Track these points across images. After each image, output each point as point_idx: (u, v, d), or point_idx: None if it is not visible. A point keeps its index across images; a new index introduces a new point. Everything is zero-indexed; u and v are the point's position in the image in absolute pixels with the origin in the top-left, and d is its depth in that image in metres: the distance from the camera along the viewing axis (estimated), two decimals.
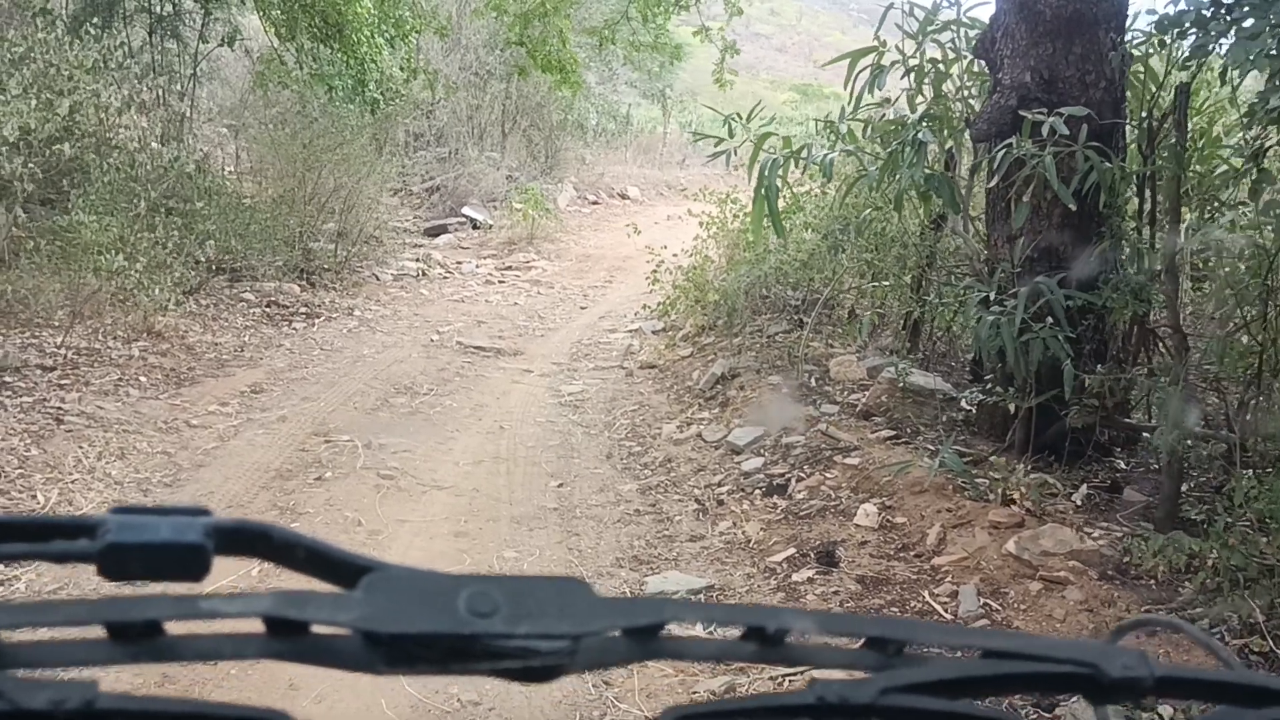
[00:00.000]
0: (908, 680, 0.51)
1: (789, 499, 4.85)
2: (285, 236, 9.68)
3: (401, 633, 0.47)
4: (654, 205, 17.28)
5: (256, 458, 5.41)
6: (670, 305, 8.67)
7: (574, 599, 0.50)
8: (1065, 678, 0.54)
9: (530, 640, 0.47)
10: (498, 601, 0.48)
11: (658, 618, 0.51)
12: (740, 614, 0.54)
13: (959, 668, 0.54)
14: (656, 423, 6.39)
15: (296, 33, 10.44)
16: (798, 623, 0.52)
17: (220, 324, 8.14)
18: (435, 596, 0.48)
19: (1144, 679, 0.52)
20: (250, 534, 0.53)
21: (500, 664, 0.48)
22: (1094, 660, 0.52)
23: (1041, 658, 0.54)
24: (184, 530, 0.51)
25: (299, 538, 0.53)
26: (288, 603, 0.47)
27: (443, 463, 5.55)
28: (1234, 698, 0.56)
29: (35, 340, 6.91)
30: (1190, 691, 0.58)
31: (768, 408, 6.09)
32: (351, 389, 6.90)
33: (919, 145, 4.20)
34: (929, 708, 0.50)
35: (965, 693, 0.53)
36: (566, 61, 9.37)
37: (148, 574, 0.51)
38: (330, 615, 0.47)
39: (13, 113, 5.20)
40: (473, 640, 0.47)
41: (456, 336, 8.72)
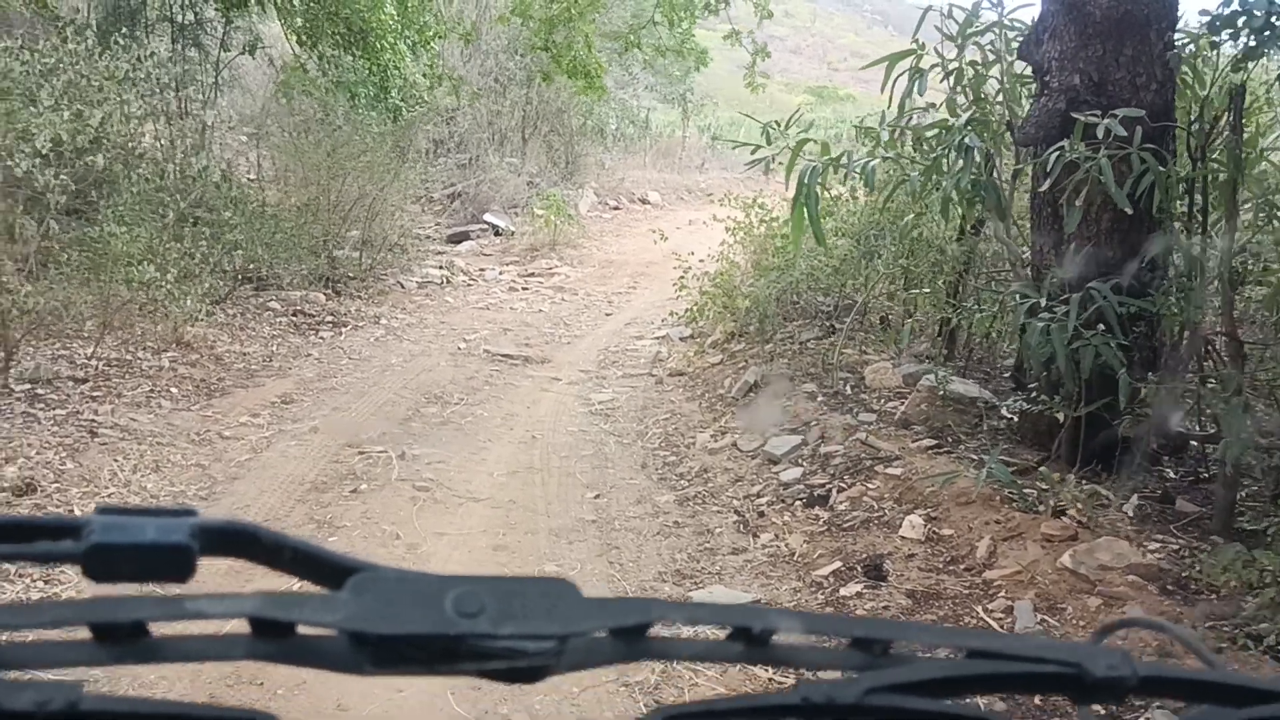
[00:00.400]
0: (893, 680, 0.51)
1: (831, 510, 4.77)
2: (310, 245, 9.67)
3: (388, 633, 0.47)
4: (675, 210, 17.21)
5: (290, 470, 5.37)
6: (698, 312, 8.60)
7: (560, 599, 0.50)
8: (1050, 678, 0.54)
9: (517, 641, 0.47)
10: (484, 602, 0.48)
11: (644, 618, 0.51)
12: (727, 614, 0.54)
13: (944, 668, 0.54)
14: (690, 432, 6.32)
15: (319, 40, 10.42)
16: (784, 623, 0.52)
17: (247, 334, 8.12)
18: (422, 597, 0.48)
19: (1127, 679, 0.52)
20: (236, 534, 0.53)
21: (487, 664, 0.48)
22: (1078, 660, 0.53)
23: (1026, 658, 0.54)
24: (169, 531, 0.50)
25: (284, 538, 0.53)
26: (274, 604, 0.47)
27: (477, 474, 5.49)
28: (1217, 697, 0.56)
29: (65, 351, 6.90)
30: (1173, 691, 0.58)
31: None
32: (382, 399, 6.86)
33: (965, 150, 4.12)
34: (914, 708, 0.51)
35: (950, 693, 0.53)
36: (591, 67, 9.33)
37: (133, 575, 0.51)
38: (316, 616, 0.47)
39: (45, 124, 5.17)
40: (459, 641, 0.47)
41: (483, 344, 8.68)
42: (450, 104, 13.76)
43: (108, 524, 0.50)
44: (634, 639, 0.51)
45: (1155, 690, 0.56)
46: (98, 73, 5.99)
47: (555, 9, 8.68)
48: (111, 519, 0.51)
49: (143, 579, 0.52)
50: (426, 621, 0.47)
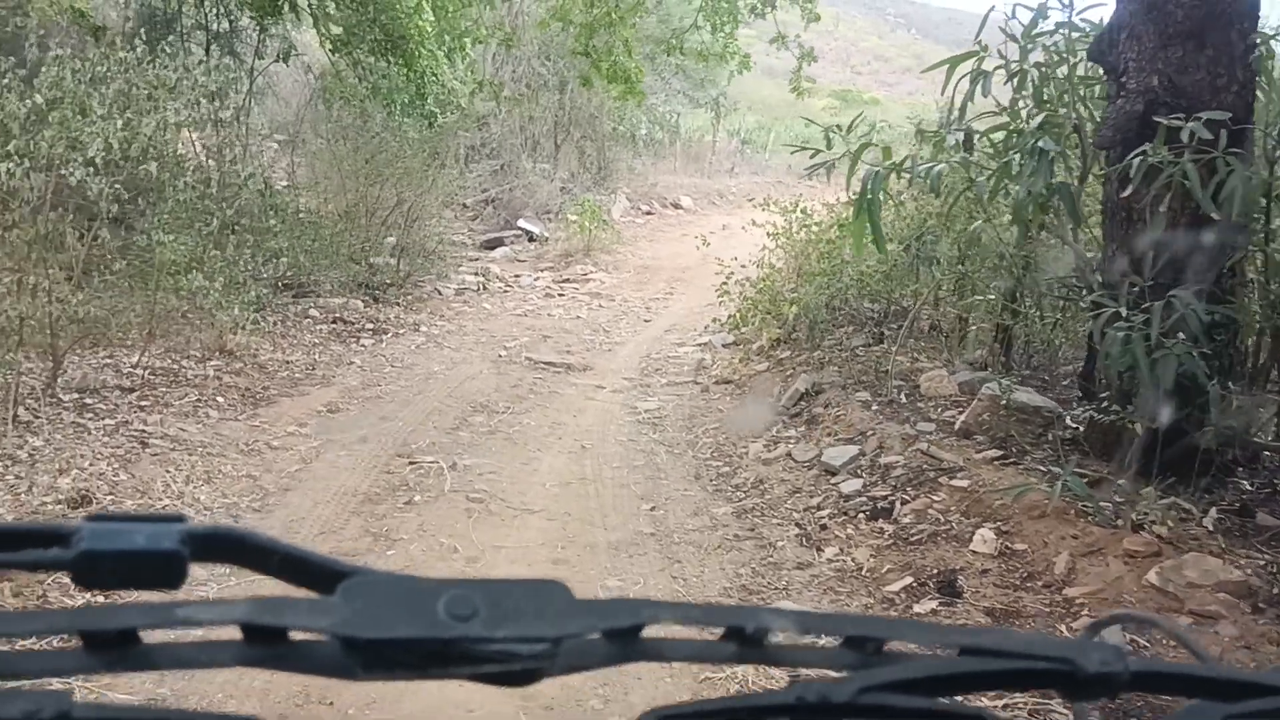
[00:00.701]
0: (887, 679, 0.51)
1: (895, 523, 4.66)
2: (349, 252, 9.65)
3: (380, 638, 0.46)
4: (708, 215, 17.11)
5: (342, 481, 5.31)
6: (742, 318, 8.51)
7: (553, 601, 0.50)
8: (1042, 674, 0.54)
9: (509, 644, 0.47)
10: (477, 605, 0.48)
11: (637, 619, 0.50)
12: (720, 614, 0.54)
13: (937, 666, 0.54)
14: (741, 441, 6.22)
15: (355, 47, 10.41)
16: (777, 622, 0.52)
17: (289, 341, 8.09)
18: (414, 601, 0.48)
19: (1120, 674, 0.52)
20: (226, 540, 0.53)
21: (480, 668, 0.48)
22: (1070, 656, 0.53)
23: (1019, 654, 0.54)
24: (159, 538, 0.50)
25: (275, 543, 0.53)
26: (265, 609, 0.47)
27: (530, 485, 5.42)
28: (1208, 692, 0.57)
29: (111, 360, 6.89)
30: (1165, 686, 0.58)
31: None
32: (428, 407, 6.80)
33: (1039, 154, 4.01)
34: (908, 706, 0.51)
35: (944, 690, 0.53)
36: (631, 71, 9.26)
37: (123, 582, 0.51)
38: (308, 621, 0.47)
39: (98, 133, 5.14)
40: (452, 644, 0.47)
41: (524, 352, 8.62)
42: (484, 110, 13.73)
43: (97, 531, 0.50)
44: (628, 640, 0.51)
45: (1147, 685, 0.56)
46: (146, 81, 5.96)
47: (596, 13, 8.61)
48: (101, 526, 0.50)
49: (133, 586, 0.51)
50: (419, 625, 0.47)
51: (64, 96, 5.33)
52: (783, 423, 6.40)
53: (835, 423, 5.96)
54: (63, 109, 5.28)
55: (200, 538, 0.52)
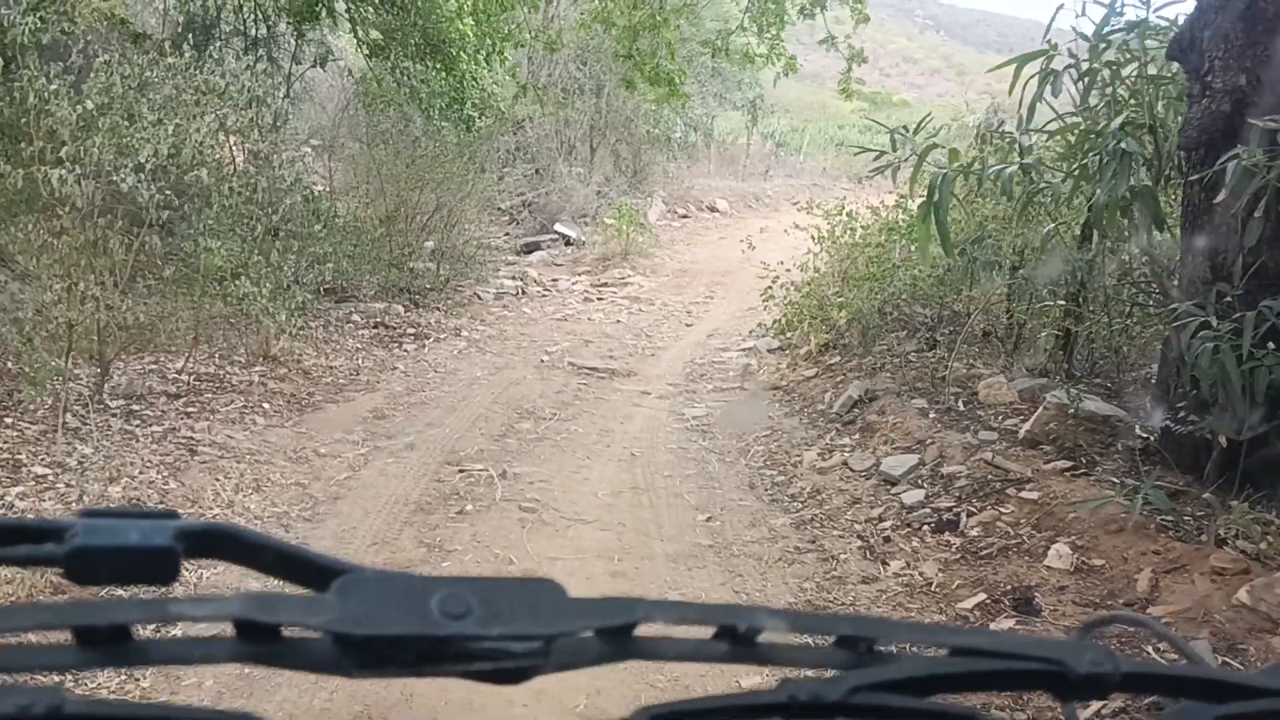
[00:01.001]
0: (878, 678, 0.51)
1: (963, 536, 4.52)
2: (389, 257, 9.61)
3: (374, 635, 0.46)
4: (744, 218, 16.98)
5: (392, 489, 5.23)
6: (788, 323, 8.37)
7: (546, 600, 0.50)
8: (1033, 674, 0.54)
9: (503, 642, 0.47)
10: (470, 603, 0.48)
11: (630, 618, 0.50)
12: (712, 613, 0.53)
13: (928, 665, 0.54)
14: (794, 449, 6.09)
15: (393, 52, 10.36)
16: (769, 621, 0.52)
17: (332, 347, 8.05)
18: (408, 599, 0.48)
19: (1110, 675, 0.52)
20: (219, 536, 0.52)
21: (473, 665, 0.47)
22: (1061, 657, 0.53)
23: (1010, 655, 0.54)
24: (153, 534, 0.50)
25: (268, 540, 0.53)
26: (258, 606, 0.47)
27: (582, 494, 5.32)
28: (1198, 693, 0.57)
29: (156, 366, 6.87)
30: (1156, 687, 0.58)
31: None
32: (473, 414, 6.72)
33: (1121, 156, 3.86)
34: (899, 705, 0.51)
35: (935, 690, 0.53)
36: (674, 74, 9.15)
37: (116, 578, 0.51)
38: (302, 618, 0.47)
39: (148, 139, 5.10)
40: (446, 642, 0.47)
41: (567, 357, 8.53)
42: (520, 114, 13.67)
43: (90, 526, 0.50)
44: (620, 639, 0.51)
45: (1137, 687, 0.56)
46: (194, 87, 5.92)
47: (639, 15, 8.51)
48: (95, 522, 0.50)
49: (126, 582, 0.51)
50: (413, 623, 0.47)
51: (112, 102, 5.28)
52: (836, 430, 6.26)
53: (892, 431, 5.82)
54: (112, 115, 5.23)
55: (194, 534, 0.51)
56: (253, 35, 11.97)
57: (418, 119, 10.30)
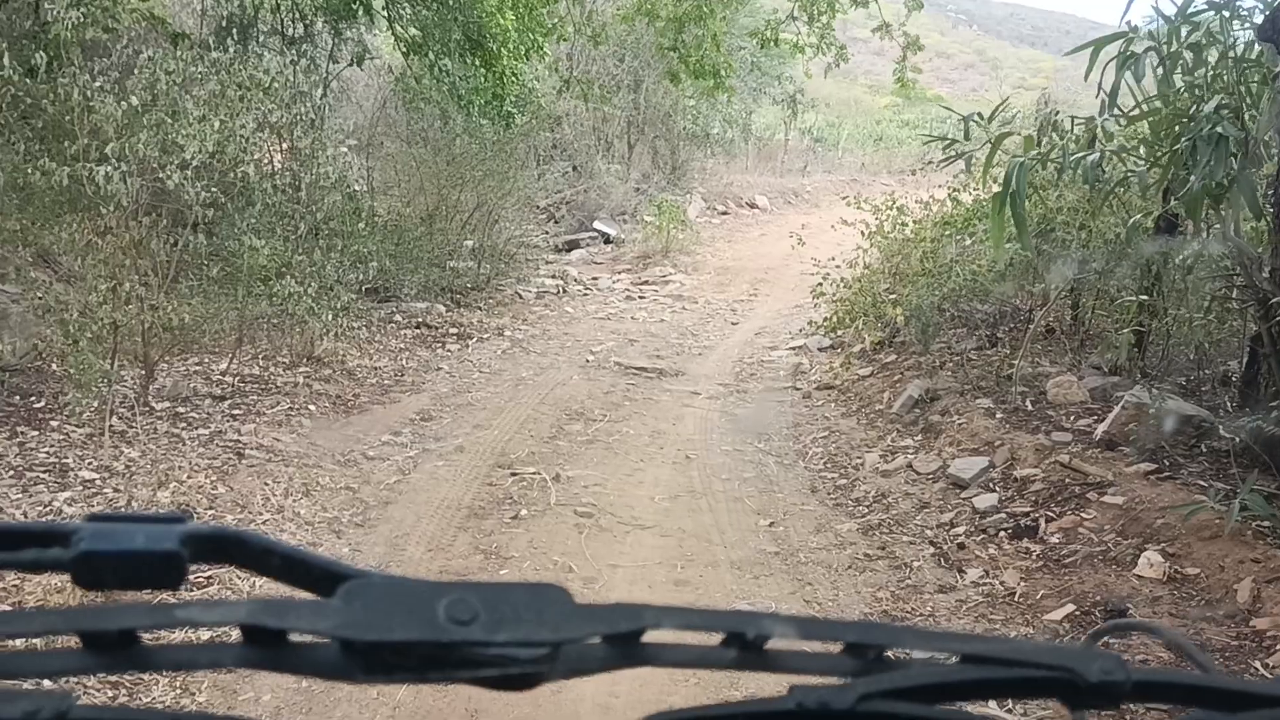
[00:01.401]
0: (887, 686, 0.51)
1: (1043, 543, 4.31)
2: (430, 256, 9.49)
3: (380, 640, 0.46)
4: (783, 214, 16.75)
5: (444, 493, 5.09)
6: (839, 321, 8.15)
7: (553, 606, 0.48)
8: (1043, 682, 0.53)
9: (509, 648, 0.46)
10: (476, 609, 0.47)
11: (637, 624, 0.50)
12: (720, 620, 0.53)
13: (938, 673, 0.52)
14: (854, 451, 5.89)
15: (432, 49, 10.23)
16: (777, 628, 0.51)
17: (376, 347, 7.94)
18: (414, 604, 0.47)
19: (1121, 683, 0.52)
20: (225, 541, 0.52)
21: (479, 672, 0.47)
22: (1071, 665, 0.52)
23: (1020, 663, 0.53)
24: (159, 538, 0.50)
25: (274, 544, 0.53)
26: (265, 611, 0.47)
27: (638, 497, 5.15)
28: (1209, 702, 0.56)
29: (200, 367, 6.78)
30: (1167, 695, 0.57)
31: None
32: (521, 415, 6.57)
33: (1217, 141, 3.63)
34: (909, 713, 0.50)
35: (944, 698, 0.52)
36: (720, 66, 8.95)
37: (122, 583, 0.50)
38: (308, 623, 0.47)
39: (194, 135, 4.98)
40: (452, 648, 0.46)
41: (612, 356, 8.37)
42: (558, 110, 13.53)
43: (97, 531, 0.50)
44: (628, 646, 0.50)
45: (1149, 695, 0.55)
46: (238, 83, 5.81)
47: (684, 7, 8.32)
48: (101, 526, 0.50)
49: (132, 586, 0.51)
50: (419, 629, 0.46)
51: (156, 99, 5.18)
52: (897, 431, 6.05)
53: (957, 432, 5.60)
54: (157, 111, 5.13)
55: (200, 538, 0.51)
56: (290, 34, 11.92)
57: (457, 116, 10.18)
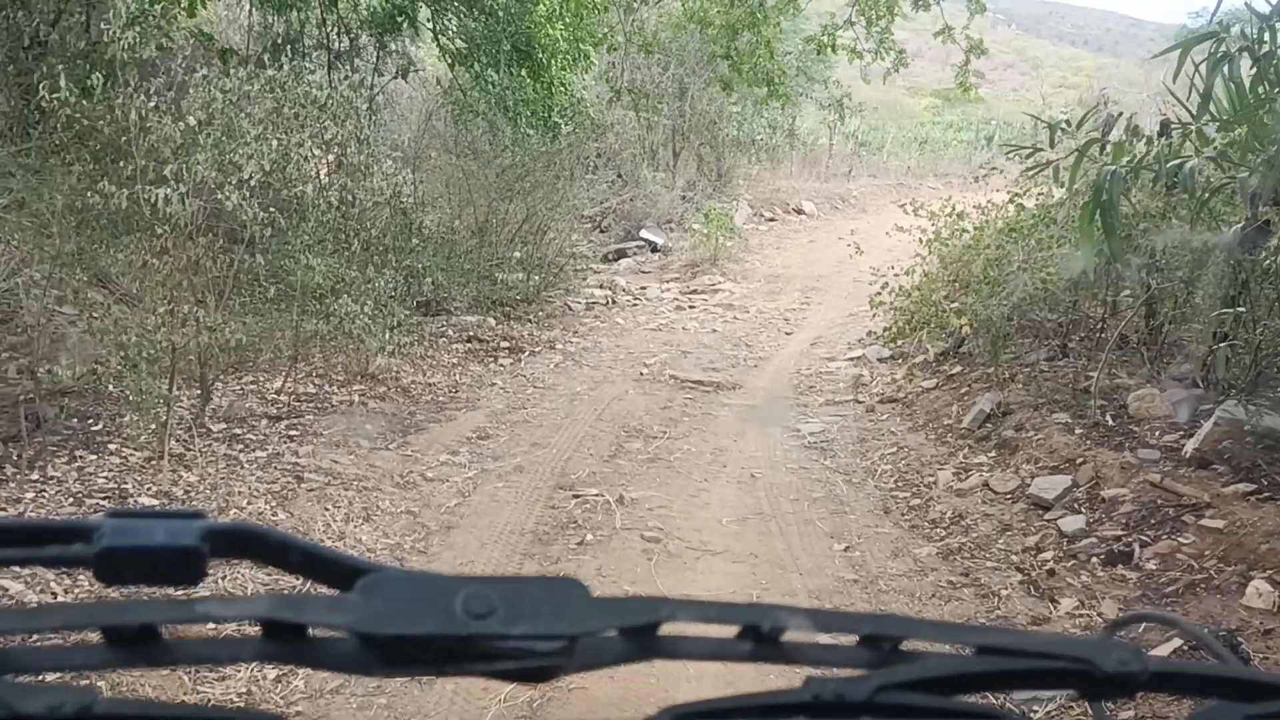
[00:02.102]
0: (903, 677, 0.51)
1: (1139, 570, 4.09)
2: (480, 269, 9.40)
3: (398, 634, 0.47)
4: (831, 220, 16.53)
5: (505, 517, 4.97)
6: (899, 330, 7.95)
7: (569, 599, 0.49)
8: (1060, 673, 0.53)
9: (527, 641, 0.47)
10: (494, 603, 0.48)
11: (653, 617, 0.50)
12: (735, 612, 0.52)
13: (954, 664, 0.53)
14: (926, 469, 5.69)
15: (478, 61, 10.16)
16: (793, 620, 0.52)
17: (429, 363, 7.85)
18: (432, 598, 0.48)
19: (1138, 674, 0.52)
20: (245, 536, 0.53)
21: (497, 665, 0.48)
22: (1088, 656, 0.52)
23: (1036, 654, 0.53)
24: (179, 534, 0.50)
25: (293, 540, 0.53)
26: (284, 605, 0.47)
27: (705, 520, 4.99)
28: (1227, 692, 0.56)
29: (254, 385, 6.72)
30: (1184, 686, 0.57)
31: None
32: (579, 432, 6.44)
33: None
34: (924, 705, 0.50)
35: (960, 689, 0.53)
36: (774, 74, 8.78)
37: (143, 578, 0.51)
38: (327, 617, 0.47)
39: (252, 154, 4.91)
40: (469, 641, 0.47)
41: (667, 369, 8.22)
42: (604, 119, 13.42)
43: (118, 527, 0.50)
44: (644, 638, 0.51)
45: (1166, 686, 0.55)
46: (294, 100, 5.74)
47: (737, 13, 8.16)
48: (122, 522, 0.50)
49: (153, 582, 0.51)
50: (437, 622, 0.47)
51: (213, 118, 5.11)
52: (969, 447, 5.84)
53: (1035, 448, 5.39)
54: (213, 130, 5.06)
55: (219, 534, 0.51)
56: (336, 49, 11.92)
57: (505, 128, 10.09)
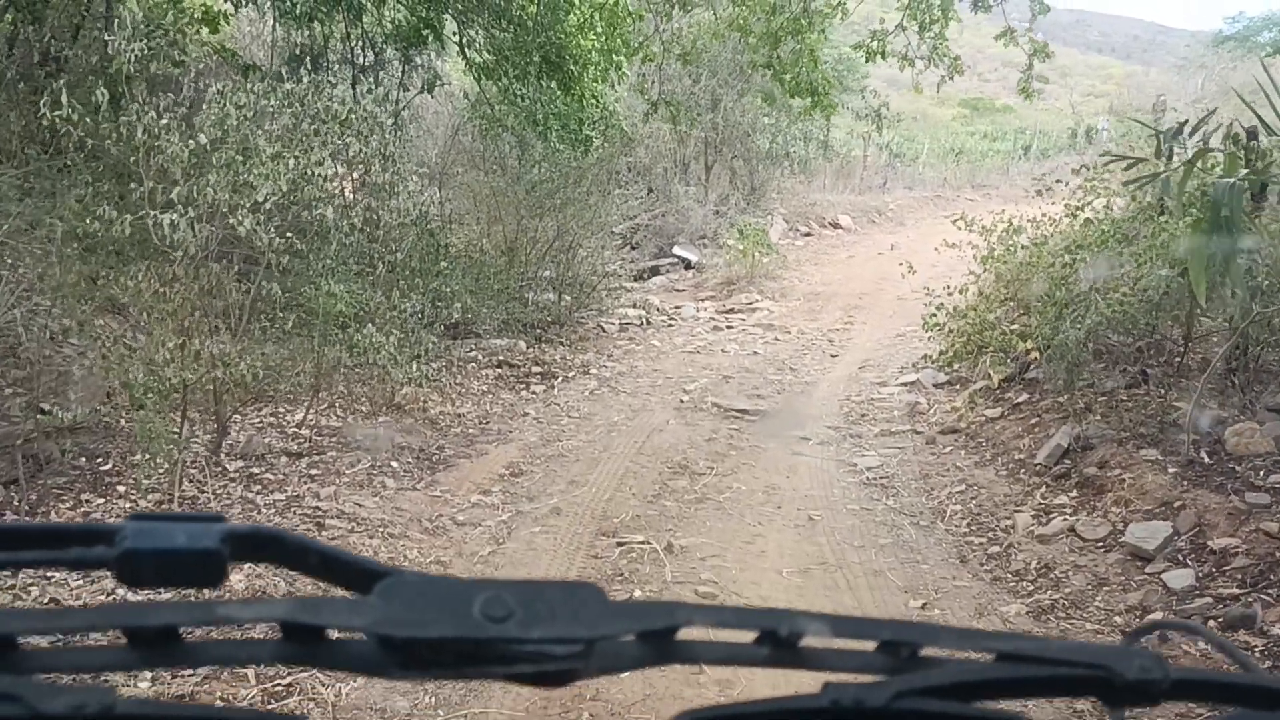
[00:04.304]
0: (922, 684, 0.51)
1: (1264, 635, 3.60)
2: (509, 289, 9.00)
3: (416, 637, 0.47)
4: (868, 234, 16.05)
5: (544, 567, 4.53)
6: (956, 354, 7.46)
7: (588, 603, 0.50)
8: (1081, 681, 0.53)
9: (544, 645, 0.47)
10: (512, 606, 0.48)
11: (671, 621, 0.50)
12: (753, 617, 0.53)
13: (974, 671, 0.53)
14: (1000, 510, 5.21)
15: (505, 73, 9.78)
16: (811, 625, 0.52)
17: (457, 391, 7.44)
18: (450, 601, 0.48)
19: (1160, 681, 0.51)
20: (265, 540, 0.53)
21: (514, 668, 0.48)
22: (1109, 663, 0.52)
23: (1057, 661, 0.53)
24: (199, 537, 0.51)
25: (312, 543, 0.54)
26: (303, 608, 0.48)
27: (763, 572, 4.54)
28: (1250, 700, 0.56)
29: (273, 418, 6.34)
30: (1206, 694, 0.57)
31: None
32: (619, 468, 6.00)
33: None
34: (944, 711, 0.50)
35: (980, 696, 0.52)
36: (818, 83, 8.34)
37: (164, 580, 0.52)
38: (345, 620, 0.48)
39: (268, 175, 4.52)
40: (487, 645, 0.47)
41: (708, 396, 7.77)
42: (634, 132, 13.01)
43: (140, 530, 0.51)
44: (661, 642, 0.51)
45: (1188, 693, 0.54)
46: (312, 115, 5.35)
47: (779, 20, 7.73)
48: (143, 525, 0.51)
49: (174, 584, 0.52)
50: (455, 625, 0.47)
51: (226, 135, 4.73)
52: (1046, 486, 5.36)
53: (1125, 489, 4.89)
54: (226, 149, 4.68)
55: (239, 537, 0.52)
56: (360, 63, 11.63)
57: (535, 142, 9.71)
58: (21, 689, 0.44)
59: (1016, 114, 42.53)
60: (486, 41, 10.02)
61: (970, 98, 42.85)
